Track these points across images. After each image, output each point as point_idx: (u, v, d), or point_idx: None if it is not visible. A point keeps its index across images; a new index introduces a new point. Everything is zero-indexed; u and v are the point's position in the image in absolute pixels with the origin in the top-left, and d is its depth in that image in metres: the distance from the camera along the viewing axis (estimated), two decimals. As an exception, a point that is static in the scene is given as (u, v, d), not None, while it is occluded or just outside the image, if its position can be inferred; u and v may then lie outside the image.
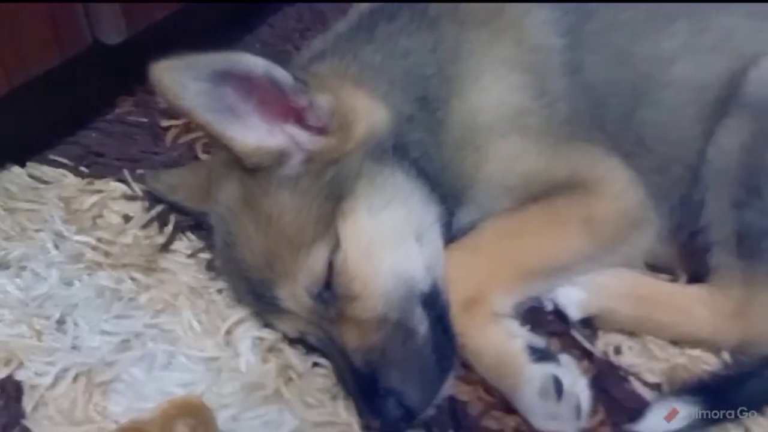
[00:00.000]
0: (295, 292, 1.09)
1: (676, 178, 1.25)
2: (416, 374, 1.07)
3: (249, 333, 1.22)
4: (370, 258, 1.09)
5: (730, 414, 1.14)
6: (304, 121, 1.10)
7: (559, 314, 1.27)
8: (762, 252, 1.16)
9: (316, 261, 1.07)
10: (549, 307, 1.28)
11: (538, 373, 1.12)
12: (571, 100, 1.23)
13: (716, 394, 1.13)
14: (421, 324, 1.09)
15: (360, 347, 1.08)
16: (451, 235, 1.26)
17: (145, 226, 1.39)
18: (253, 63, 1.02)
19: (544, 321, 1.27)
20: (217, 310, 1.26)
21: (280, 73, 1.04)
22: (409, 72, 1.22)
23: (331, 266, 1.08)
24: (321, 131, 1.11)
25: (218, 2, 1.81)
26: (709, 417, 1.12)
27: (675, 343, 1.26)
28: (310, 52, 1.30)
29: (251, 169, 1.10)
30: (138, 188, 1.46)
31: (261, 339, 1.21)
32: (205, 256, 1.34)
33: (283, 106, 1.09)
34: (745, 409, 1.14)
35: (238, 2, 1.88)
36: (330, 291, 1.08)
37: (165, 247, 1.36)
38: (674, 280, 1.34)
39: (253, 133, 1.07)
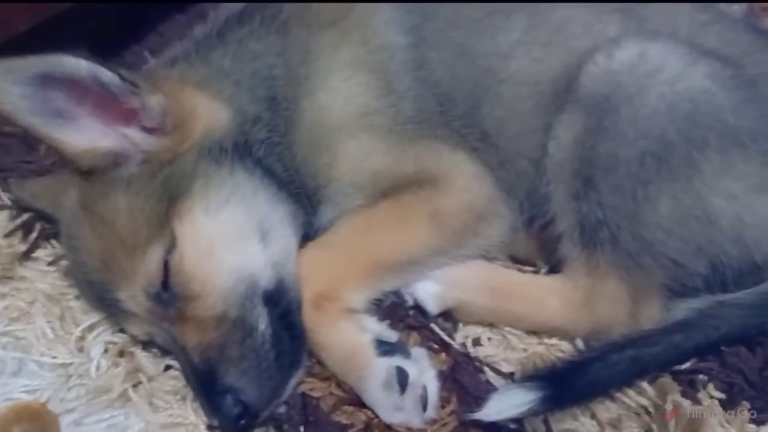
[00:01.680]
0: (134, 294, 1.09)
1: (521, 172, 1.29)
2: (255, 371, 1.08)
3: (101, 338, 1.22)
4: (208, 257, 1.10)
5: (576, 398, 1.17)
6: (140, 123, 1.11)
7: (420, 308, 1.30)
8: (601, 242, 1.20)
9: (151, 262, 1.08)
10: (410, 301, 1.30)
11: (383, 366, 1.13)
12: (417, 98, 1.26)
13: (561, 380, 1.15)
14: (261, 321, 1.10)
15: (199, 345, 1.08)
16: (314, 233, 1.28)
17: (8, 235, 1.38)
18: (75, 65, 1.03)
19: (405, 315, 1.29)
20: (72, 316, 1.25)
21: (106, 75, 1.04)
22: (257, 74, 1.24)
23: (167, 267, 1.08)
24: (156, 132, 1.12)
25: (102, 8, 1.80)
26: (557, 402, 1.15)
27: (533, 332, 1.30)
28: (166, 58, 1.31)
29: (88, 172, 1.10)
30: (6, 197, 1.45)
31: (113, 343, 1.21)
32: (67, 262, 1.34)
33: (120, 109, 1.10)
34: (591, 393, 1.18)
35: (125, 10, 1.88)
36: (168, 291, 1.09)
37: (26, 255, 1.35)
38: (537, 271, 1.38)
39: (84, 136, 1.08)
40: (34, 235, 1.38)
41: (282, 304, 1.14)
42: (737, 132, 1.16)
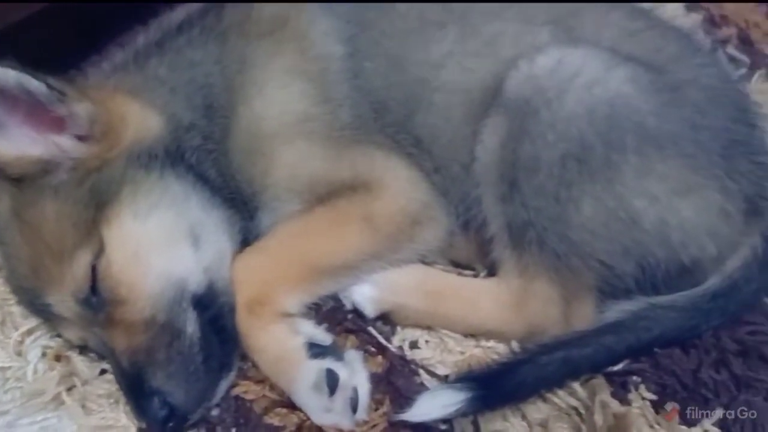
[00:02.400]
0: (63, 299, 1.11)
1: (455, 177, 1.30)
2: (182, 374, 1.09)
3: (39, 342, 1.24)
4: (136, 262, 1.12)
5: (505, 399, 1.18)
6: (71, 131, 1.13)
7: (358, 312, 1.31)
8: (529, 243, 1.21)
9: (78, 267, 1.10)
10: (348, 305, 1.32)
11: (312, 368, 1.15)
12: (354, 106, 1.28)
13: (491, 381, 1.17)
14: (189, 325, 1.12)
15: (127, 349, 1.10)
16: (253, 239, 1.30)
17: (-46, 244, 1.40)
18: (2, 75, 1.05)
19: (343, 319, 1.31)
20: (13, 321, 1.27)
21: (33, 84, 1.07)
22: (193, 81, 1.27)
23: (95, 271, 1.10)
24: (86, 140, 1.14)
25: (62, 18, 1.82)
26: (486, 403, 1.16)
27: (471, 335, 1.31)
28: (108, 66, 1.34)
29: (18, 180, 1.13)
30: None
31: (50, 347, 1.23)
32: (11, 268, 1.36)
33: (50, 117, 1.12)
34: (521, 394, 1.19)
35: (85, 20, 1.90)
36: (97, 296, 1.11)
37: (-31, 264, 1.37)
38: (476, 275, 1.39)
39: (13, 144, 1.10)
40: (-21, 243, 1.40)
41: (213, 308, 1.16)
42: (657, 135, 1.18)
